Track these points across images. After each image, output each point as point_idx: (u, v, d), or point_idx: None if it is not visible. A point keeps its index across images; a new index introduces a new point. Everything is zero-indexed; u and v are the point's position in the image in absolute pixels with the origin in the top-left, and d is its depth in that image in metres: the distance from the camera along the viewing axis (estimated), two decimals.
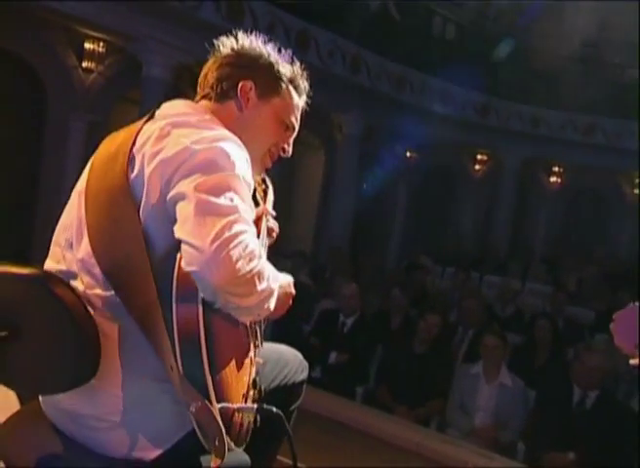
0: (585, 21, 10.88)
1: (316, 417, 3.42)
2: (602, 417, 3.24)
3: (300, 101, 1.38)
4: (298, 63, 1.36)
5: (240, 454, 1.25)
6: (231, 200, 1.06)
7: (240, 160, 1.13)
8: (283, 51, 1.35)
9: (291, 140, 1.39)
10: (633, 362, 1.32)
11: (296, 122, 1.38)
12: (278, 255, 6.70)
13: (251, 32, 1.35)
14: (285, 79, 1.33)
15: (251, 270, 1.03)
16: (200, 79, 1.34)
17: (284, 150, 1.39)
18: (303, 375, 1.61)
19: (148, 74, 6.04)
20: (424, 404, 3.92)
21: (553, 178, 11.64)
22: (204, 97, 1.31)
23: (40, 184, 6.40)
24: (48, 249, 1.26)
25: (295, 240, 8.93)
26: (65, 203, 1.27)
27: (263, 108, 1.31)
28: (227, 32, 1.34)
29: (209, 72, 1.32)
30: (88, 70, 6.59)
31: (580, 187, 11.65)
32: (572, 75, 10.26)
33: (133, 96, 6.54)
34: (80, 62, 6.55)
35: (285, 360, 1.56)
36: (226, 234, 1.02)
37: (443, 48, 8.99)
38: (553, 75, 10.48)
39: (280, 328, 4.73)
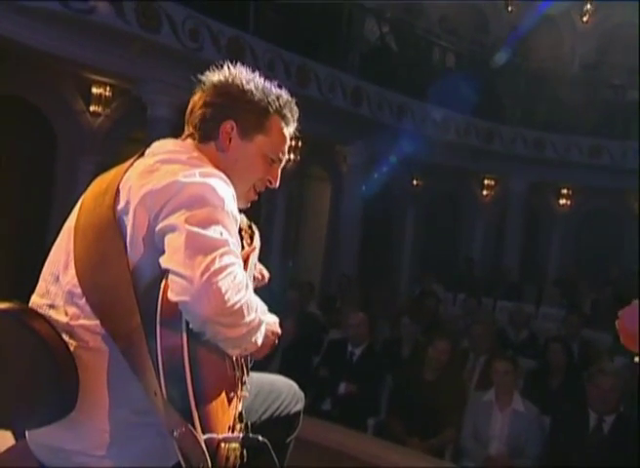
0: (584, 45, 11.03)
1: (327, 450, 3.35)
2: (620, 442, 3.14)
3: (288, 131, 1.37)
4: (286, 91, 1.36)
5: None
6: (220, 233, 1.09)
7: (227, 196, 1.15)
8: (270, 79, 1.35)
9: (278, 172, 1.39)
10: (637, 359, 1.28)
11: (282, 155, 1.38)
12: (286, 288, 6.72)
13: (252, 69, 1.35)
14: (270, 115, 1.32)
15: (239, 300, 1.05)
16: (187, 115, 1.35)
17: (270, 182, 1.39)
18: (299, 406, 1.59)
19: (153, 115, 6.18)
20: (437, 434, 3.82)
21: (562, 201, 11.59)
22: (189, 135, 1.32)
23: (50, 228, 6.49)
24: (36, 285, 1.28)
25: (303, 271, 8.93)
26: (54, 241, 1.29)
27: (247, 147, 1.31)
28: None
29: (194, 109, 1.33)
30: (95, 114, 6.78)
31: (590, 208, 11.57)
32: (573, 97, 10.33)
33: (139, 136, 6.69)
34: (88, 107, 6.74)
35: (278, 391, 1.54)
36: (216, 266, 1.03)
37: (443, 76, 9.12)
38: (555, 98, 10.56)
39: (289, 359, 4.69)
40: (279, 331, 1.31)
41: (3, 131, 5.96)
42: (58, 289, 1.20)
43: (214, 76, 1.33)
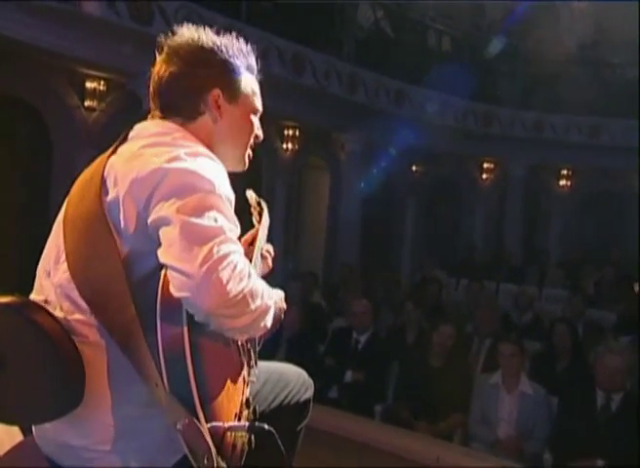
0: (582, 23, 10.92)
1: (335, 438, 3.35)
2: (628, 420, 3.13)
3: (256, 79, 1.33)
4: (240, 40, 1.29)
5: None
6: (215, 220, 1.05)
7: (217, 176, 1.11)
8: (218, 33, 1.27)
9: (258, 123, 1.34)
10: None
11: (260, 106, 1.33)
12: (288, 278, 6.71)
13: None
14: (244, 72, 1.27)
15: (242, 290, 1.02)
16: (154, 89, 1.25)
17: (257, 137, 1.34)
18: (308, 394, 1.57)
19: (149, 108, 6.12)
20: (445, 418, 3.82)
21: (563, 182, 11.54)
22: (167, 109, 1.23)
23: (49, 224, 6.47)
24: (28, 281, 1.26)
25: (305, 261, 8.91)
26: (47, 237, 1.26)
27: (236, 110, 1.27)
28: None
29: (163, 82, 1.23)
30: (90, 109, 6.71)
31: (591, 189, 11.53)
32: (572, 77, 10.24)
33: None
34: (82, 102, 6.68)
35: (287, 379, 1.52)
36: (214, 257, 1.00)
37: (439, 60, 9.04)
38: (553, 79, 10.48)
39: (294, 349, 4.69)
40: (284, 305, 1.29)
41: None
42: (50, 284, 1.18)
43: (173, 43, 1.24)
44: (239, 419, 1.15)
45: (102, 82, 6.64)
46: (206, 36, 1.25)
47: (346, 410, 3.87)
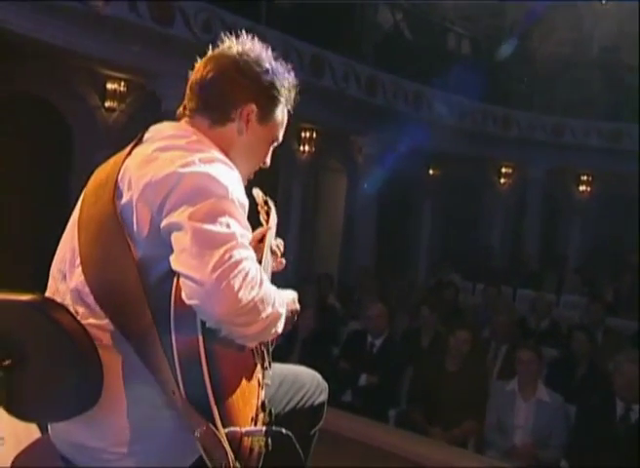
0: (603, 27, 10.77)
1: (349, 442, 3.33)
2: None
3: (287, 113, 1.34)
4: (292, 73, 1.31)
5: None
6: (227, 226, 1.04)
7: (231, 182, 1.10)
8: (278, 58, 1.29)
9: (270, 151, 1.36)
10: None
11: (281, 137, 1.35)
12: (303, 281, 6.70)
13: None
14: (283, 100, 1.29)
15: (253, 298, 1.01)
16: (194, 85, 1.25)
17: (264, 163, 1.36)
18: (323, 397, 1.56)
19: (168, 108, 6.17)
20: (459, 424, 3.79)
21: (582, 187, 11.39)
22: (197, 111, 1.24)
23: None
24: (47, 281, 1.26)
25: (321, 263, 8.91)
26: (61, 236, 1.26)
27: (261, 132, 1.28)
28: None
29: (205, 79, 1.23)
30: (110, 109, 6.79)
31: (611, 194, 11.35)
32: (592, 81, 10.11)
33: None
34: (103, 102, 6.76)
35: (301, 381, 1.51)
36: (226, 264, 1.00)
37: (458, 63, 8.99)
38: (573, 82, 10.35)
39: (309, 352, 4.68)
40: (298, 307, 1.27)
41: (19, 129, 6.01)
42: (66, 287, 1.17)
43: (230, 48, 1.25)
44: (255, 423, 1.14)
45: (123, 83, 6.72)
46: (262, 54, 1.26)
47: (360, 414, 3.85)
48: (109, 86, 6.70)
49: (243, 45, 1.26)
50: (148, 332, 1.05)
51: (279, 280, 1.30)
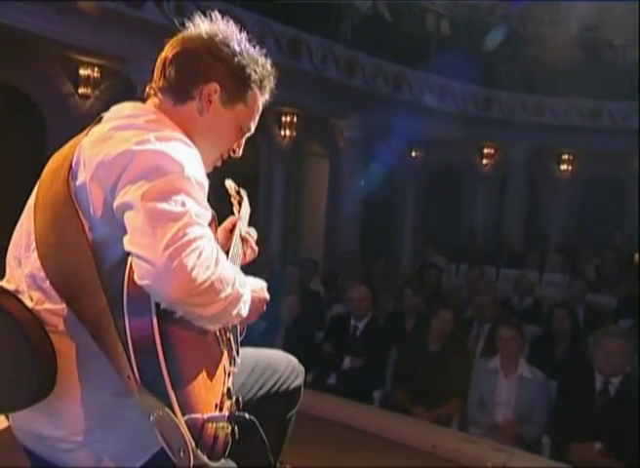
0: (583, 5, 10.75)
1: (333, 424, 3.35)
2: (627, 403, 3.11)
3: (261, 103, 1.29)
4: (268, 60, 1.27)
5: (226, 463, 1.18)
6: (182, 204, 1.00)
7: (188, 160, 1.06)
8: (255, 44, 1.25)
9: (242, 142, 1.32)
10: None
11: (253, 126, 1.30)
12: (287, 264, 6.68)
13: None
14: (254, 85, 1.24)
15: (208, 277, 0.97)
16: (159, 62, 1.23)
17: (234, 152, 1.32)
18: (298, 381, 1.55)
19: (143, 94, 6.06)
20: (443, 403, 3.81)
21: (564, 166, 11.46)
22: (161, 89, 1.21)
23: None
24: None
25: (304, 248, 8.89)
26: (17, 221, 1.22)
27: (225, 115, 1.23)
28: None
29: (170, 57, 1.20)
30: (84, 96, 6.66)
31: (592, 173, 11.45)
32: (572, 60, 10.12)
33: None
34: (76, 89, 6.62)
35: (274, 366, 1.49)
36: (178, 242, 0.95)
37: (439, 44, 8.93)
38: (554, 62, 10.36)
39: (293, 336, 4.68)
40: (267, 295, 1.23)
41: None
42: (21, 273, 1.14)
43: (200, 25, 1.21)
44: (220, 410, 1.11)
45: (96, 69, 6.58)
46: (233, 36, 1.22)
47: (345, 397, 3.86)
48: (82, 72, 6.56)
49: (214, 25, 1.22)
50: (103, 317, 1.02)
51: (263, 266, 1.27)
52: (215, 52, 1.20)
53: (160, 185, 1.00)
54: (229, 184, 1.46)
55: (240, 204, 1.46)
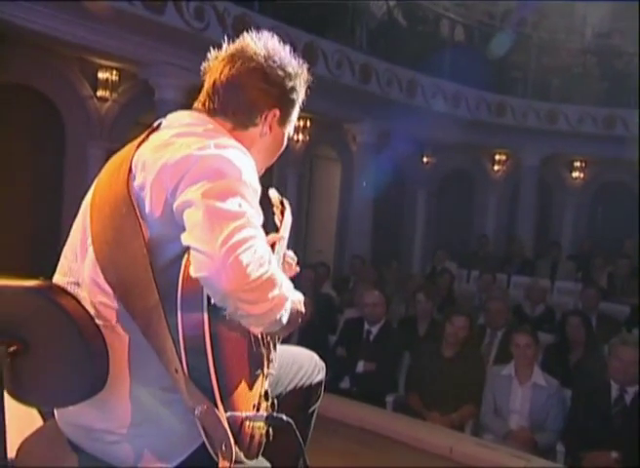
0: (596, 13, 10.74)
1: (346, 427, 3.36)
2: None
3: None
4: (306, 69, 1.33)
5: (261, 462, 1.22)
6: (239, 205, 1.06)
7: (245, 166, 1.12)
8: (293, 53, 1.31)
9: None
10: None
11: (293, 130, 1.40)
12: (300, 267, 6.68)
13: None
14: (300, 102, 1.33)
15: (261, 275, 1.02)
16: (210, 81, 1.25)
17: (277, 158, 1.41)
18: (320, 376, 1.59)
19: (161, 97, 6.12)
20: (456, 409, 3.82)
21: (576, 174, 11.41)
22: (216, 111, 1.23)
23: (62, 213, 6.52)
24: (57, 263, 1.27)
25: (316, 252, 8.91)
26: (75, 217, 1.28)
27: (280, 132, 1.32)
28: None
29: (225, 81, 1.23)
30: (102, 99, 6.72)
31: (605, 181, 11.39)
32: (586, 67, 10.10)
33: (148, 120, 6.59)
34: (94, 92, 6.69)
35: (299, 362, 1.54)
36: (235, 239, 1.01)
37: (452, 50, 8.94)
38: (567, 69, 10.34)
39: (306, 340, 4.70)
40: (303, 309, 1.25)
41: (11, 119, 5.94)
42: (78, 267, 1.19)
43: (250, 44, 1.25)
44: (257, 411, 1.15)
45: (115, 72, 6.65)
46: (286, 58, 1.27)
47: (358, 401, 3.88)
48: (101, 75, 6.62)
49: (267, 48, 1.26)
50: (154, 312, 1.06)
51: None
52: (275, 79, 1.25)
53: (220, 186, 1.06)
54: (273, 194, 1.48)
55: (283, 214, 1.49)
